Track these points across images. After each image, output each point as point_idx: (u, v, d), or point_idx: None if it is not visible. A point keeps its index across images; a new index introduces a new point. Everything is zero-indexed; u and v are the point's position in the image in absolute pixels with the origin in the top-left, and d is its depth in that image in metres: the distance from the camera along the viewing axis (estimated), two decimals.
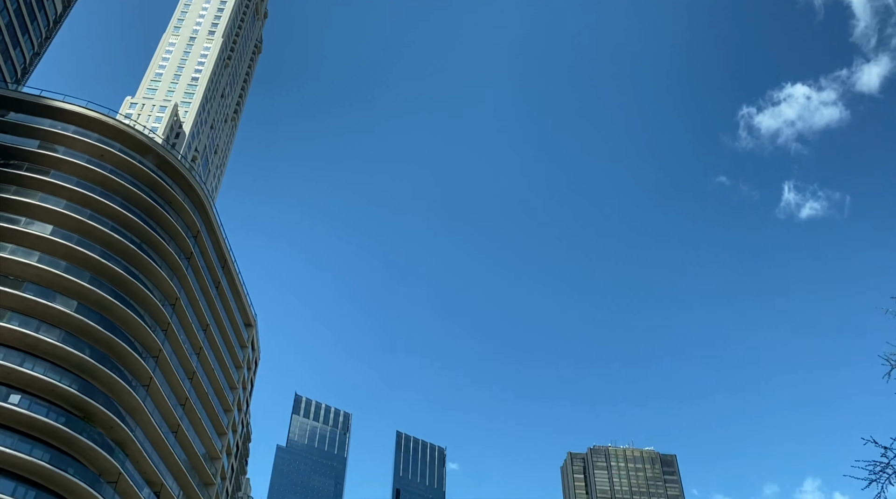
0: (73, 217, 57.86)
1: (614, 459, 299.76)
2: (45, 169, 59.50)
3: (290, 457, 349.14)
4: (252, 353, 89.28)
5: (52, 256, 55.69)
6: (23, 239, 55.80)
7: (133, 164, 64.60)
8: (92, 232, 58.63)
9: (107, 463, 53.02)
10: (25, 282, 54.15)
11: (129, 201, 62.80)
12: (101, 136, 63.76)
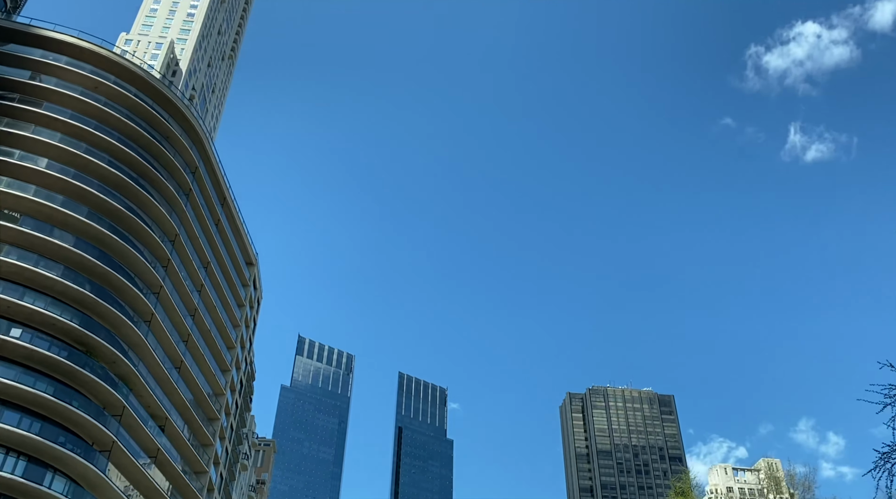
0: (68, 150, 56.74)
1: (612, 399, 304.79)
2: (38, 101, 58.05)
3: (294, 397, 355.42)
4: (254, 292, 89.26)
5: (49, 190, 54.81)
6: (18, 172, 54.80)
7: (128, 97, 63.09)
8: (88, 166, 57.58)
9: (111, 397, 53.30)
10: (22, 216, 53.42)
11: (124, 135, 61.54)
12: (95, 67, 62.04)
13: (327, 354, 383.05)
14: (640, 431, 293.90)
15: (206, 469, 69.32)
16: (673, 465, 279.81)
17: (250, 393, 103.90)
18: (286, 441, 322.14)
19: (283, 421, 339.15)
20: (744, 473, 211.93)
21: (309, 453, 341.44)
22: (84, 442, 50.68)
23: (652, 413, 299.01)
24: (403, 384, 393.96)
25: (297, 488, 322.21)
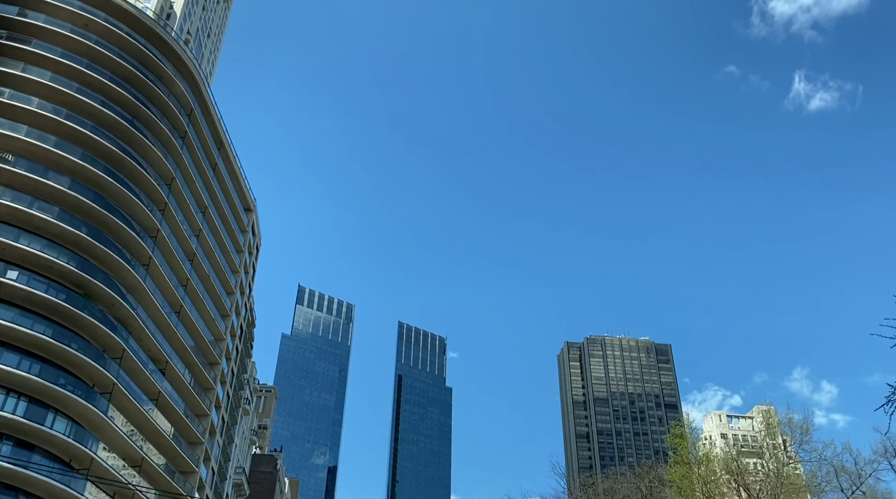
0: (59, 90, 55.31)
1: (610, 348, 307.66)
2: (27, 38, 56.32)
3: (294, 345, 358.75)
4: (253, 238, 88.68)
5: (41, 130, 53.60)
6: (9, 112, 53.49)
7: (120, 35, 61.29)
8: (80, 106, 56.24)
9: (110, 340, 53.20)
10: (15, 157, 52.38)
11: (117, 75, 60.00)
12: (85, 3, 60.08)
13: (327, 303, 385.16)
14: (637, 379, 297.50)
15: (207, 412, 69.88)
16: (668, 412, 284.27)
17: (251, 340, 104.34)
18: (287, 388, 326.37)
19: (285, 369, 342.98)
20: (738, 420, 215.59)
21: (310, 400, 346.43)
22: (85, 384, 50.77)
23: (649, 362, 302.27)
24: (403, 333, 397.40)
25: (299, 434, 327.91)
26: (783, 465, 46.12)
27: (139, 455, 56.28)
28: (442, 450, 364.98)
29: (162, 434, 59.42)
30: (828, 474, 44.23)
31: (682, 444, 47.89)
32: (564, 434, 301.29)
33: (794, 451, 46.92)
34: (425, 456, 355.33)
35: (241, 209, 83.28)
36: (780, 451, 47.15)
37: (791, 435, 47.88)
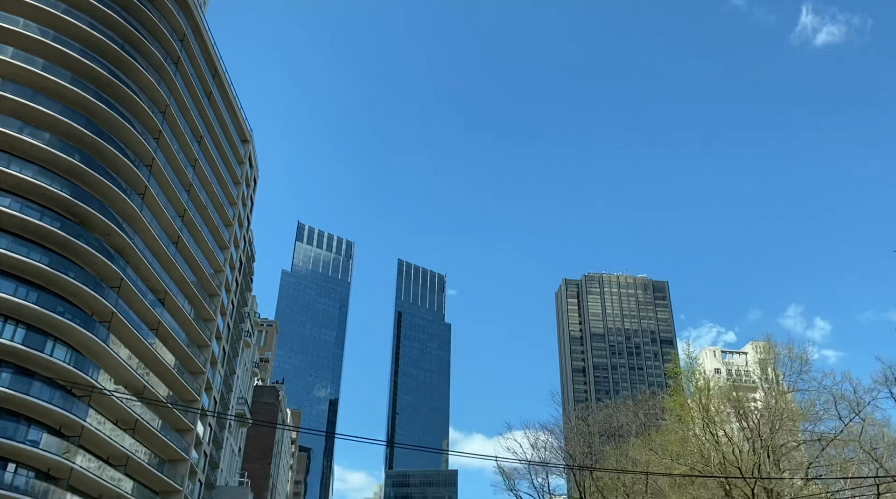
0: (46, 10, 53.03)
1: (607, 285, 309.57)
2: None
3: (295, 281, 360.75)
4: (250, 170, 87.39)
5: (28, 52, 51.66)
6: None
7: None
8: (68, 28, 54.11)
9: (108, 269, 52.72)
10: (2, 80, 50.66)
11: None
12: None
13: (327, 240, 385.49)
14: (634, 315, 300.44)
15: (208, 343, 70.14)
16: (664, 347, 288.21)
17: (251, 274, 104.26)
18: (288, 323, 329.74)
19: (285, 305, 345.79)
20: (732, 355, 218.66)
21: (311, 335, 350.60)
22: (84, 313, 50.54)
23: (645, 298, 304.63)
24: (403, 271, 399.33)
25: (301, 368, 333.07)
26: (781, 394, 46.16)
27: (141, 384, 56.63)
28: (441, 384, 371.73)
29: (163, 363, 59.69)
30: (826, 402, 44.15)
31: (682, 374, 48.05)
32: (561, 369, 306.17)
33: (793, 381, 46.78)
34: (425, 390, 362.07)
35: (238, 140, 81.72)
36: (780, 379, 47.06)
37: (791, 365, 47.69)
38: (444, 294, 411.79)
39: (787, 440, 44.47)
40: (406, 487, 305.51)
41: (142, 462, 56.18)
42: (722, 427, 40.82)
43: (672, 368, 49.80)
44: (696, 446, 43.32)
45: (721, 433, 40.58)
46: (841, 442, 43.77)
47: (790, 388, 46.04)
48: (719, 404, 45.12)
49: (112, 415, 53.96)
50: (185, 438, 65.28)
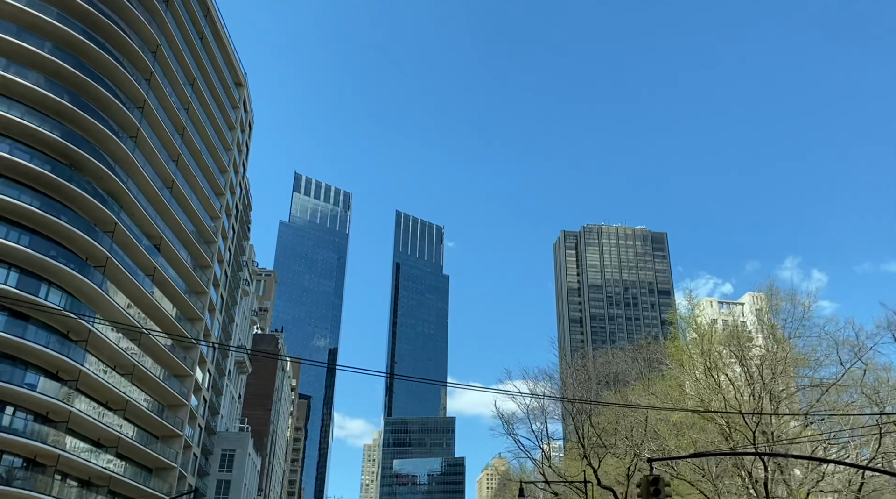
0: None
1: (606, 237, 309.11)
2: None
3: (292, 232, 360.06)
4: (245, 114, 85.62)
5: None
6: None
7: None
8: None
9: (101, 213, 51.78)
10: None
11: None
12: None
13: (324, 191, 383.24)
14: (632, 267, 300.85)
15: (205, 290, 69.66)
16: (661, 298, 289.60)
17: (247, 222, 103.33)
18: (287, 274, 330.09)
19: (283, 255, 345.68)
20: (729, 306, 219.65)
21: (310, 286, 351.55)
22: (78, 257, 49.79)
23: (644, 250, 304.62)
24: (401, 222, 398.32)
25: (300, 318, 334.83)
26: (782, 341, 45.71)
27: (138, 328, 56.21)
28: (439, 334, 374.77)
29: (160, 309, 59.26)
30: (827, 347, 43.66)
31: (684, 319, 47.63)
32: (558, 320, 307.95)
33: (795, 328, 46.24)
34: (423, 339, 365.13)
35: (232, 84, 79.78)
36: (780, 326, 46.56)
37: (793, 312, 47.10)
38: (442, 246, 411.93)
39: (788, 385, 44.33)
40: (404, 433, 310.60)
41: (141, 407, 56.26)
42: (724, 372, 40.53)
43: (673, 314, 49.34)
44: (697, 391, 43.16)
45: (723, 378, 40.33)
46: (841, 387, 43.64)
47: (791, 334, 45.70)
48: (720, 350, 44.75)
49: (110, 360, 53.75)
50: (185, 384, 65.36)
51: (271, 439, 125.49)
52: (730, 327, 68.08)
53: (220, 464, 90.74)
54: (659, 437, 43.60)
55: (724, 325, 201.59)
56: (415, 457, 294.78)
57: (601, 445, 48.35)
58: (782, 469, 37.94)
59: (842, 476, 36.29)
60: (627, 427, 44.25)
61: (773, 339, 46.11)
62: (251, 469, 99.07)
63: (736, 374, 45.10)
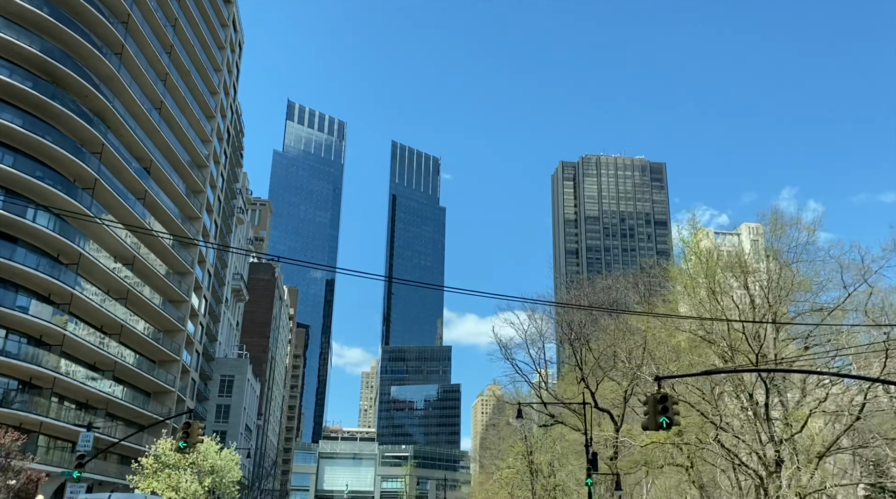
0: None
1: (604, 167, 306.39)
2: None
3: (287, 162, 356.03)
4: (234, 34, 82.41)
5: None
6: None
7: None
8: None
9: (87, 133, 49.96)
10: None
11: None
12: None
13: (318, 120, 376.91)
14: (629, 197, 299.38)
15: (198, 215, 68.43)
16: (657, 229, 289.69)
17: (240, 149, 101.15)
18: (282, 205, 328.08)
19: (278, 186, 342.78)
20: (725, 236, 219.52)
21: (305, 217, 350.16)
22: (65, 179, 48.28)
23: (642, 180, 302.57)
24: (397, 153, 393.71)
25: (296, 249, 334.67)
26: (786, 266, 44.83)
27: (131, 254, 55.30)
28: (435, 266, 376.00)
29: (153, 234, 58.12)
30: (831, 271, 42.73)
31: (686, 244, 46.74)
32: (554, 251, 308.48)
33: (798, 252, 45.24)
34: (419, 271, 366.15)
35: (220, 0, 76.37)
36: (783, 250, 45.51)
37: (797, 236, 46.08)
38: (438, 178, 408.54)
39: (788, 311, 43.85)
40: (402, 361, 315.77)
41: (137, 332, 55.87)
42: (728, 294, 39.88)
43: (679, 236, 48.34)
44: (698, 314, 42.64)
45: (727, 302, 39.73)
46: (842, 312, 43.18)
47: (795, 259, 44.92)
48: (724, 274, 43.98)
49: (104, 285, 52.98)
50: (180, 309, 64.91)
51: (270, 366, 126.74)
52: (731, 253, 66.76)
53: (219, 389, 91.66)
54: (660, 360, 43.38)
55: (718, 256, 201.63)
56: (412, 384, 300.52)
57: (599, 368, 48.28)
58: (781, 392, 37.76)
59: (845, 397, 36.10)
60: (626, 350, 43.94)
61: (777, 264, 45.37)
62: (250, 394, 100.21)
63: (738, 297, 44.58)
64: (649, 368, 43.56)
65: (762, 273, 51.40)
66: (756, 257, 52.55)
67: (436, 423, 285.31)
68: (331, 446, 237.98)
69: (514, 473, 76.97)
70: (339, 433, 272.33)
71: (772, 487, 32.77)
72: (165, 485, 44.51)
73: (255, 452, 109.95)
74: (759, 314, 42.05)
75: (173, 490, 44.55)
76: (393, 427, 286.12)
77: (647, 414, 19.19)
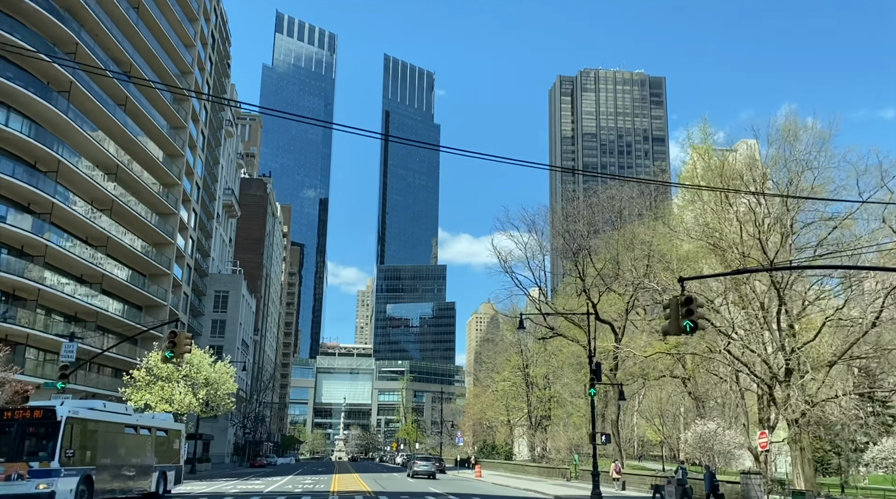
0: None
1: (603, 82, 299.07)
2: None
3: (277, 77, 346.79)
4: None
5: None
6: None
7: None
8: None
9: (59, 31, 46.47)
10: None
11: None
12: None
13: (308, 32, 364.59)
14: (628, 113, 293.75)
15: (184, 124, 65.52)
16: (655, 146, 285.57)
17: (227, 58, 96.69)
18: (273, 121, 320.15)
19: (268, 101, 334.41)
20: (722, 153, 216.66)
21: (297, 134, 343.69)
22: (38, 81, 45.23)
23: (641, 95, 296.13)
24: (389, 67, 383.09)
25: (289, 166, 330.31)
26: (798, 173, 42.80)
27: (114, 162, 52.82)
28: (430, 184, 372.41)
29: (136, 142, 55.53)
30: (848, 176, 40.71)
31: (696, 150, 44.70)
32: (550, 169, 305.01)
33: (813, 157, 43.13)
34: (414, 190, 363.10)
35: None
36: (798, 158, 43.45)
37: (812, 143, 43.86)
38: (432, 93, 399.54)
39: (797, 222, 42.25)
40: (397, 280, 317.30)
41: (125, 244, 54.05)
42: (742, 199, 38.10)
43: (690, 142, 46.18)
44: (706, 222, 41.03)
45: (741, 207, 38.02)
46: (852, 222, 41.60)
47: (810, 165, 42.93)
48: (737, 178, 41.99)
49: (86, 195, 50.71)
50: (169, 222, 62.98)
51: (265, 283, 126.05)
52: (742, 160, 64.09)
53: (214, 305, 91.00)
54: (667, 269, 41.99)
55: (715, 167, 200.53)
56: (407, 302, 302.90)
57: (601, 280, 47.02)
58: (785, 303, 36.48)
59: (861, 305, 34.88)
60: (631, 259, 42.44)
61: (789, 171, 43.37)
62: (246, 310, 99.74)
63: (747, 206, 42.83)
64: (659, 277, 42.19)
65: (773, 182, 49.38)
66: (770, 164, 50.38)
67: (431, 340, 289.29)
68: (328, 362, 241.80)
69: (510, 385, 77.51)
70: (336, 349, 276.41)
71: (780, 395, 32.01)
72: (158, 397, 43.79)
73: (252, 366, 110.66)
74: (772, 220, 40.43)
75: (167, 402, 43.86)
76: (389, 344, 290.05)
77: (667, 318, 17.63)
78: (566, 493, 34.87)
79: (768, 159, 51.86)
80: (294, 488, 36.13)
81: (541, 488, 39.97)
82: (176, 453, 29.54)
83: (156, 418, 28.97)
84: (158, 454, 27.46)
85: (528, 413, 71.44)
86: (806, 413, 30.86)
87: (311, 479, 46.97)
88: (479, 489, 37.16)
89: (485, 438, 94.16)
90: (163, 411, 43.95)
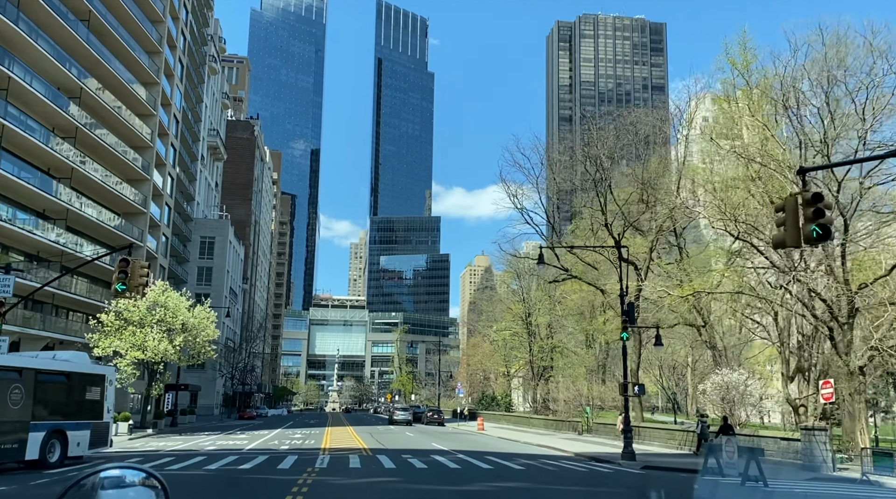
0: None
1: (602, 27, 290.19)
2: None
3: (266, 22, 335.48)
4: None
5: None
6: None
7: None
8: None
9: None
10: None
11: None
12: None
13: None
14: (627, 61, 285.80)
15: (158, 49, 59.51)
16: (654, 94, 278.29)
17: None
18: (262, 68, 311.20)
19: (257, 47, 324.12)
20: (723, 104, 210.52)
21: (287, 81, 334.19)
22: None
23: (641, 42, 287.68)
24: (382, 12, 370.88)
25: (279, 115, 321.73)
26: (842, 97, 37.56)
27: (76, 85, 47.11)
28: (424, 134, 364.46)
29: (102, 63, 49.71)
30: None
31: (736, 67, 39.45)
32: (547, 118, 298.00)
33: (861, 78, 37.76)
34: (407, 140, 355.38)
35: None
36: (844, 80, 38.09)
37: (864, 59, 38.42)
38: (426, 41, 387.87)
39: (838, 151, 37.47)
40: (390, 232, 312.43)
41: (90, 175, 48.69)
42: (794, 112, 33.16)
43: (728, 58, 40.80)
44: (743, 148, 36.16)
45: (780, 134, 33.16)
46: None
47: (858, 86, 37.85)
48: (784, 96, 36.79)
49: (44, 119, 45.15)
50: (145, 156, 57.57)
51: (254, 230, 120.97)
52: None
53: (199, 251, 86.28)
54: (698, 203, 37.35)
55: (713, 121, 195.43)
56: (400, 254, 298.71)
57: (621, 218, 42.42)
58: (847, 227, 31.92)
59: None
60: (668, 183, 37.64)
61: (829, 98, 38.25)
62: (234, 257, 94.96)
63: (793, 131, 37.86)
64: (686, 211, 37.56)
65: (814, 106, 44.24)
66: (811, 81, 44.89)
67: (425, 292, 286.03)
68: (321, 314, 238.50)
69: (510, 334, 73.58)
70: (329, 301, 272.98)
71: (842, 340, 27.74)
72: (129, 344, 39.24)
73: (241, 315, 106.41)
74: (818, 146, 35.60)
75: (139, 349, 39.35)
76: (383, 296, 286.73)
77: (779, 225, 12.89)
78: (587, 450, 30.76)
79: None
80: (280, 444, 31.89)
81: (554, 443, 35.99)
82: (91, 407, 22.85)
83: (56, 359, 22.46)
84: (48, 407, 20.68)
85: (529, 363, 67.65)
86: (874, 358, 26.63)
87: (301, 433, 42.89)
88: (487, 446, 33.06)
89: (482, 389, 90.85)
90: (134, 358, 39.53)
